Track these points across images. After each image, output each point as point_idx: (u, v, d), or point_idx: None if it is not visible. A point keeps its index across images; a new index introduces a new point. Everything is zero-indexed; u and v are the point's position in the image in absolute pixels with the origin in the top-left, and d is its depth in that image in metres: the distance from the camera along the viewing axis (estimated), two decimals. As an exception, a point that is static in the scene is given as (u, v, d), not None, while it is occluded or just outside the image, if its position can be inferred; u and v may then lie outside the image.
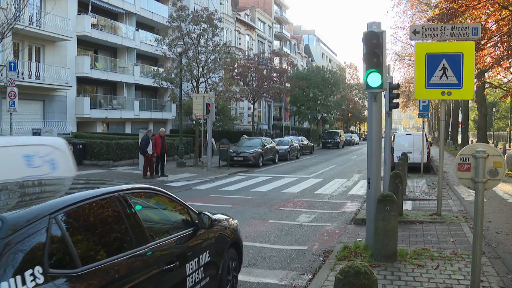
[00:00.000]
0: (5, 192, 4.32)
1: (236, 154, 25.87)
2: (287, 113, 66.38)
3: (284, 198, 15.01)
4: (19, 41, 28.38)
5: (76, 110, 33.29)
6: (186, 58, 28.92)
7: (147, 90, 42.02)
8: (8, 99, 19.96)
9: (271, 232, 10.18)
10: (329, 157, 37.09)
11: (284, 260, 8.14)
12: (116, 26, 37.39)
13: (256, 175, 21.80)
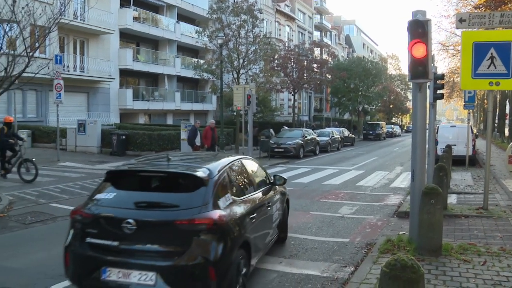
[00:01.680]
0: (199, 157, 7.68)
1: (277, 145, 25.83)
2: (327, 104, 65.79)
3: (325, 190, 14.92)
4: (64, 35, 29.08)
5: (119, 102, 33.97)
6: (226, 49, 29.01)
7: (188, 82, 42.43)
8: (55, 91, 20.53)
9: (313, 224, 10.14)
10: (371, 149, 36.63)
11: (326, 252, 8.10)
12: (157, 19, 37.85)
13: (297, 167, 21.75)
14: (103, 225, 5.23)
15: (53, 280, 6.40)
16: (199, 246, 4.94)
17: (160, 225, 5.06)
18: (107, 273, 5.02)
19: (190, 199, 5.24)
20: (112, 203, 5.34)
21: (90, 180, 15.48)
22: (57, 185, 14.22)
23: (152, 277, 4.89)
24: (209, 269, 4.92)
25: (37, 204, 11.75)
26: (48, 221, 10.11)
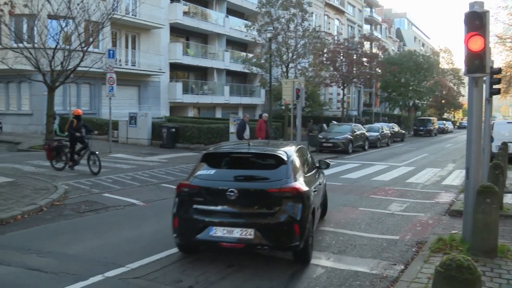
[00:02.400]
0: (271, 143, 9.20)
1: (326, 140, 25.63)
2: (377, 99, 64.66)
3: (375, 186, 14.69)
4: (116, 30, 29.80)
5: (169, 95, 34.55)
6: (275, 43, 28.98)
7: (237, 76, 42.65)
8: (108, 84, 21.08)
9: (362, 220, 10.01)
10: (421, 145, 35.80)
11: (375, 249, 7.98)
12: (207, 13, 38.22)
13: (346, 162, 21.51)
14: (209, 194, 6.74)
15: (106, 267, 6.58)
16: (286, 209, 6.55)
17: (256, 193, 6.68)
18: (213, 231, 6.53)
19: (276, 174, 6.83)
20: (215, 178, 6.95)
21: (141, 172, 15.83)
22: (109, 175, 14.61)
23: (251, 232, 6.45)
24: (295, 226, 6.51)
25: (91, 193, 12.12)
26: (101, 210, 10.40)
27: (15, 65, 21.17)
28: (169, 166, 17.67)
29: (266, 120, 20.44)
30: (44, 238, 8.23)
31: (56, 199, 10.95)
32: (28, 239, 8.10)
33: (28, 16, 22.21)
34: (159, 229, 8.99)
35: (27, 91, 27.94)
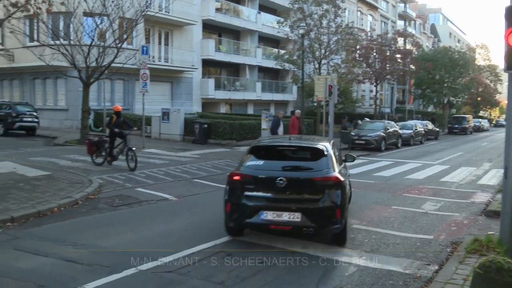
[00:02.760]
0: (308, 138, 10.32)
1: (358, 137, 25.38)
2: (410, 96, 63.64)
3: (408, 184, 14.47)
4: (150, 26, 30.14)
5: (201, 91, 34.79)
6: (308, 39, 28.81)
7: (269, 72, 42.63)
8: (141, 81, 21.33)
9: (395, 219, 9.87)
10: (456, 143, 35.10)
11: (408, 248, 7.86)
12: (239, 10, 38.30)
13: (378, 159, 21.26)
14: (259, 182, 7.52)
15: (139, 260, 6.66)
16: (329, 195, 7.33)
17: (303, 181, 7.50)
18: (264, 214, 7.30)
19: (319, 165, 7.65)
20: (264, 168, 7.75)
21: (173, 167, 15.97)
22: (143, 170, 14.78)
23: (298, 216, 7.21)
24: (336, 210, 7.31)
25: (124, 188, 12.30)
26: (134, 204, 10.54)
27: (52, 61, 21.65)
28: (201, 161, 17.79)
29: (298, 117, 20.36)
30: (79, 231, 8.40)
31: (91, 193, 11.16)
32: (64, 231, 8.28)
33: (64, 13, 22.67)
34: (191, 224, 9.06)
35: (63, 87, 28.52)
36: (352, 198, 11.55)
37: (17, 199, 10.12)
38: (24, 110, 24.83)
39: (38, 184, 11.79)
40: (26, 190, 11.02)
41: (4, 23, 18.19)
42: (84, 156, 17.19)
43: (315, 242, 7.84)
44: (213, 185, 13.23)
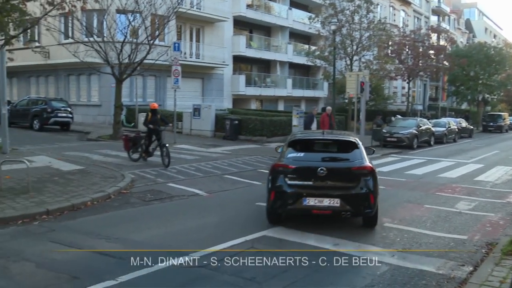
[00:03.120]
0: (338, 132, 11.60)
1: (390, 135, 25.02)
2: (444, 93, 62.44)
3: (441, 183, 14.20)
4: (181, 23, 30.35)
5: (232, 88, 34.89)
6: (340, 35, 28.57)
7: (300, 68, 42.47)
8: (173, 77, 21.51)
9: (427, 218, 9.70)
10: (491, 141, 34.28)
11: (442, 248, 7.71)
12: (270, 6, 38.25)
13: (410, 157, 20.93)
14: (302, 172, 8.31)
15: (171, 255, 6.72)
16: (364, 183, 8.23)
17: (341, 171, 8.41)
18: (307, 201, 8.09)
19: (353, 156, 8.53)
20: (305, 159, 8.53)
21: (204, 163, 16.07)
22: (174, 166, 14.90)
23: (337, 201, 8.04)
24: (370, 196, 8.20)
25: (156, 183, 12.43)
26: (166, 199, 10.65)
27: (86, 58, 22.01)
28: (232, 157, 17.85)
29: (329, 114, 20.23)
30: (112, 225, 8.54)
31: (123, 188, 11.32)
32: (98, 225, 8.43)
33: (98, 11, 23.00)
34: (222, 219, 9.11)
35: (96, 83, 29.00)
36: (383, 196, 11.47)
37: (52, 192, 10.36)
38: (59, 105, 25.34)
39: (72, 178, 12.03)
40: (60, 184, 11.26)
41: (41, 21, 18.56)
42: (116, 151, 17.48)
43: (346, 240, 7.80)
44: (244, 181, 13.27)
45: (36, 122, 24.96)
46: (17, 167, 12.61)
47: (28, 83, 33.34)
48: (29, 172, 10.71)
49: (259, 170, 15.16)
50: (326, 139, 9.51)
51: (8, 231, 8.03)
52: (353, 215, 8.45)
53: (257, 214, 9.44)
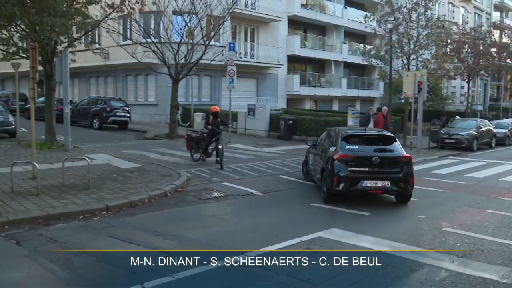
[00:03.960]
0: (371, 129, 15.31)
1: (448, 136, 24.24)
2: (506, 93, 60.05)
3: (504, 187, 13.61)
4: (236, 23, 30.58)
5: (286, 87, 34.87)
6: (396, 34, 27.98)
7: (355, 68, 41.95)
8: (228, 77, 21.71)
9: (489, 223, 9.31)
10: (558, 143, 32.63)
11: (506, 255, 7.37)
12: (324, 5, 38.00)
13: (470, 160, 20.21)
14: (360, 160, 10.35)
15: (227, 253, 6.75)
16: (405, 169, 10.44)
17: (389, 159, 10.51)
18: (365, 183, 10.15)
19: (395, 147, 10.79)
20: (361, 150, 10.66)
21: (259, 162, 16.11)
22: (229, 165, 15.01)
23: (387, 182, 10.23)
24: (410, 179, 10.50)
25: (211, 182, 12.57)
26: (221, 198, 10.75)
27: (143, 59, 22.56)
28: (286, 157, 17.81)
29: (384, 114, 19.83)
30: (169, 222, 8.70)
31: (179, 186, 11.51)
32: (155, 222, 8.61)
33: (155, 13, 23.54)
34: (277, 219, 9.10)
35: (153, 83, 29.66)
36: (442, 199, 11.28)
37: (111, 189, 10.67)
38: (117, 105, 26.11)
39: (130, 176, 12.35)
40: (119, 181, 11.59)
41: (101, 23, 19.18)
42: (172, 150, 17.84)
43: (403, 244, 7.62)
44: (298, 181, 13.21)
45: (95, 121, 25.83)
46: (78, 164, 13.12)
47: (88, 83, 34.52)
48: (90, 169, 11.08)
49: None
50: (371, 134, 11.83)
51: (70, 225, 8.34)
52: (398, 193, 10.58)
53: (312, 215, 9.39)
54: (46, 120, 17.81)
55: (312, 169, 12.57)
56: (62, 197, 9.78)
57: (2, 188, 10.41)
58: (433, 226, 8.80)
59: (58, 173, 11.87)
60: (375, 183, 10.17)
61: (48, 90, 17.80)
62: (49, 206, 9.07)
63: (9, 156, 14.83)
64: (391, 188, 10.28)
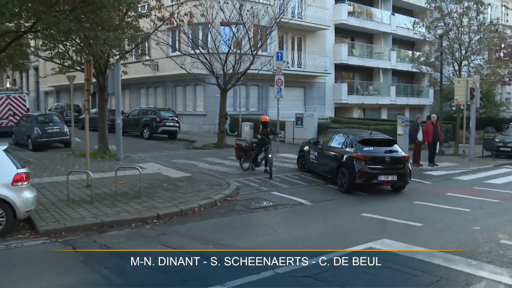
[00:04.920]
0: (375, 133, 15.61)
1: (503, 144, 23.34)
2: None
3: None
4: (283, 33, 30.64)
5: (334, 96, 34.62)
6: (447, 40, 27.30)
7: (403, 75, 41.24)
8: (276, 86, 21.72)
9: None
10: None
11: None
12: (371, 12, 37.61)
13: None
14: (375, 159, 12.67)
15: (277, 262, 6.73)
16: (406, 165, 13.09)
17: (396, 158, 12.93)
18: (380, 177, 12.64)
19: (397, 148, 13.34)
20: (376, 151, 12.88)
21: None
22: (277, 174, 14.98)
23: (395, 176, 12.77)
24: (409, 173, 13.35)
25: (260, 191, 12.58)
26: (270, 207, 10.74)
27: (192, 69, 22.91)
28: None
29: (434, 122, 19.33)
30: (218, 231, 8.76)
31: (229, 195, 11.59)
32: (205, 230, 8.69)
33: (203, 24, 23.86)
34: (327, 229, 9.01)
35: (201, 93, 30.03)
36: (497, 210, 10.93)
37: (162, 198, 10.85)
38: (166, 115, 26.58)
39: (180, 185, 12.53)
40: (169, 190, 11.78)
41: (151, 35, 19.65)
42: (221, 159, 17.98)
43: (458, 256, 7.39)
44: (347, 190, 13.04)
45: (146, 131, 26.39)
46: (130, 173, 13.44)
47: (138, 94, 35.32)
48: (141, 178, 11.32)
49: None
50: (379, 138, 13.92)
51: (123, 232, 8.54)
52: (401, 185, 13.18)
53: (362, 225, 9.24)
54: (99, 131, 18.38)
55: (318, 163, 14.95)
56: (115, 205, 10.04)
57: (58, 196, 10.79)
58: (490, 238, 8.49)
59: (111, 182, 12.21)
60: (387, 177, 12.72)
61: (101, 101, 18.38)
62: (103, 214, 9.32)
63: (64, 165, 15.39)
64: (397, 181, 12.90)
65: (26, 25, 14.59)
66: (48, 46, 18.00)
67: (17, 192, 8.29)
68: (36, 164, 15.37)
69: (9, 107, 26.34)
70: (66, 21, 11.82)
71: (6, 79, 55.42)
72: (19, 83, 53.39)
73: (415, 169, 17.74)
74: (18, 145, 21.51)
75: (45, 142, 21.49)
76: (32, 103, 38.54)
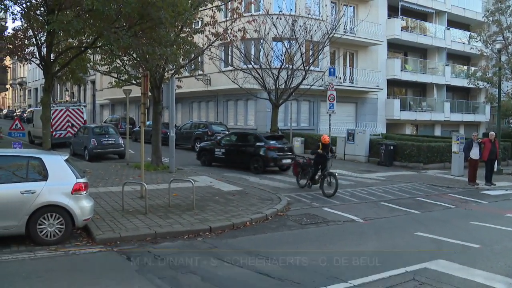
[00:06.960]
0: None
1: None
2: None
3: None
4: (335, 48, 30.55)
5: (386, 112, 34.12)
6: (506, 54, 26.48)
7: (458, 91, 40.25)
8: (328, 102, 21.63)
9: None
10: None
11: None
12: (425, 27, 37.09)
13: None
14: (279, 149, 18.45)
15: (329, 280, 6.66)
16: (293, 151, 19.87)
17: (290, 147, 19.61)
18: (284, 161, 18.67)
19: (286, 141, 20.41)
20: (277, 143, 18.83)
21: (359, 188, 15.78)
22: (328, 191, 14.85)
23: (292, 160, 17.36)
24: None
25: (311, 207, 12.49)
26: (322, 224, 10.63)
27: (244, 84, 23.15)
28: (387, 184, 17.28)
29: (492, 140, 18.66)
30: (270, 245, 8.74)
31: (280, 210, 11.57)
32: (256, 245, 8.69)
33: (255, 39, 24.13)
34: (380, 247, 8.82)
35: (253, 107, 30.27)
36: None
37: (214, 211, 10.95)
38: (218, 129, 26.90)
39: (232, 199, 12.62)
40: (221, 203, 11.88)
41: (204, 50, 20.05)
42: (271, 173, 18.01)
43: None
44: (401, 209, 12.75)
45: (198, 144, 26.76)
46: (182, 185, 13.67)
47: (190, 108, 35.95)
48: (194, 191, 11.47)
49: (416, 198, 14.50)
50: (275, 135, 19.35)
51: (176, 244, 8.66)
52: None
53: (416, 245, 9.00)
54: (152, 143, 18.80)
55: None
56: (168, 216, 10.21)
57: (114, 206, 11.08)
58: (557, 262, 8.09)
59: (163, 193, 12.45)
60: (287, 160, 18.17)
61: (155, 115, 18.83)
62: (156, 225, 9.49)
63: (119, 176, 15.82)
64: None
65: (87, 41, 15.21)
66: (106, 61, 18.68)
67: (76, 201, 8.57)
68: (92, 174, 15.87)
69: (68, 119, 27.41)
70: (125, 37, 12.23)
71: (65, 92, 57.84)
72: (77, 96, 55.59)
73: (471, 189, 17.21)
74: (75, 155, 22.25)
75: (101, 153, 22.23)
76: (88, 115, 39.85)
